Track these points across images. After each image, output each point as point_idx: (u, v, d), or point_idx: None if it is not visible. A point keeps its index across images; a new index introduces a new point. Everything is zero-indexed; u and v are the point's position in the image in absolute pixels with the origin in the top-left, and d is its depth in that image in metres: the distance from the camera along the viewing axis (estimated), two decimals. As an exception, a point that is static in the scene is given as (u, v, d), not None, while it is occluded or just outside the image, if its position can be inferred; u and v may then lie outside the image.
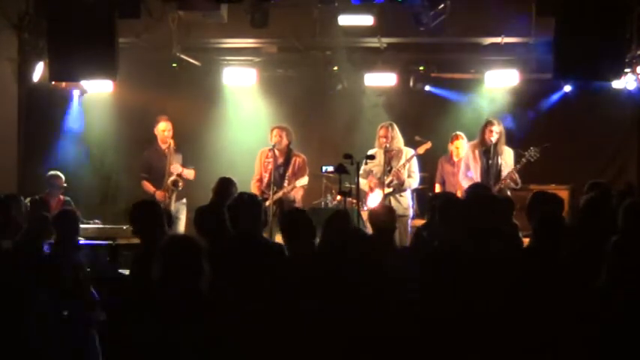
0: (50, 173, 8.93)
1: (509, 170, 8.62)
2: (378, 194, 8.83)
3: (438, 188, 9.59)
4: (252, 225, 5.16)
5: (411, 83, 10.67)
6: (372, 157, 8.45)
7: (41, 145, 10.14)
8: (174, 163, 9.22)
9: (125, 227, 8.70)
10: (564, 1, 7.53)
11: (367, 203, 8.86)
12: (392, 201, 8.63)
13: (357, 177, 7.75)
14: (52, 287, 4.78)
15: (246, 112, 10.89)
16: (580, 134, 10.64)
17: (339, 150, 8.13)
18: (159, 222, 5.40)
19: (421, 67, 10.69)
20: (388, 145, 8.82)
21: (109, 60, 7.95)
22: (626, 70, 8.83)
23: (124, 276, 5.94)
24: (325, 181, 9.81)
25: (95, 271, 5.73)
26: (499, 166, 8.67)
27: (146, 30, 9.12)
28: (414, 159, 8.90)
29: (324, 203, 9.71)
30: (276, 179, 8.83)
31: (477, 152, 8.75)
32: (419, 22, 8.68)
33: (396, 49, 10.43)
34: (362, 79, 10.57)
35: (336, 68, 10.69)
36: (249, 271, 4.75)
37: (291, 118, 9.76)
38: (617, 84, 9.23)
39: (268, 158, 8.99)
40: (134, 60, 9.53)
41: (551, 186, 9.58)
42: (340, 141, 10.12)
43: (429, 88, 10.70)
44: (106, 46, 7.87)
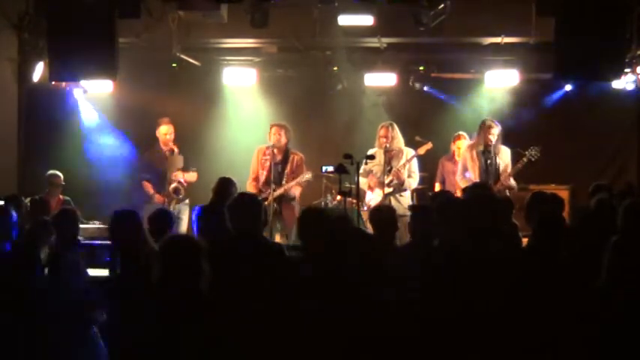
0: (49, 172, 8.93)
1: (506, 167, 8.63)
2: (377, 194, 8.84)
3: (438, 187, 9.59)
4: (252, 225, 5.15)
5: (411, 83, 10.68)
6: (372, 157, 8.45)
7: (41, 145, 10.14)
8: (175, 170, 9.21)
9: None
10: (564, 1, 7.54)
11: (366, 201, 8.87)
12: (392, 201, 8.62)
13: (357, 176, 7.74)
14: (51, 287, 4.77)
15: (246, 112, 10.88)
16: (580, 134, 10.63)
17: (339, 150, 8.12)
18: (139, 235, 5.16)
19: (421, 67, 10.69)
20: (388, 145, 8.82)
21: (109, 60, 7.96)
22: (626, 70, 8.84)
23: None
24: (325, 181, 9.81)
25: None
26: (497, 166, 8.67)
27: (146, 30, 9.11)
28: (414, 159, 8.91)
29: (324, 203, 9.71)
30: (275, 177, 8.82)
31: (474, 153, 8.74)
32: (419, 22, 8.68)
33: (396, 49, 10.43)
34: (362, 79, 10.56)
35: (336, 68, 10.69)
36: (249, 271, 4.75)
37: (291, 118, 9.74)
38: (617, 84, 9.23)
39: (266, 156, 8.97)
40: (134, 60, 9.52)
41: (551, 186, 9.60)
42: (340, 141, 10.11)
43: (427, 88, 10.71)
44: (106, 46, 7.88)
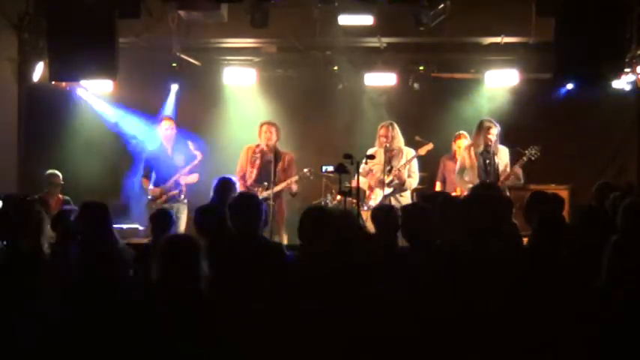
0: (48, 172, 8.93)
1: (506, 167, 8.62)
2: (377, 194, 8.84)
3: (438, 186, 9.59)
4: (252, 225, 5.15)
5: (410, 83, 10.68)
6: (372, 156, 8.44)
7: (41, 145, 10.14)
8: (176, 173, 9.22)
9: (125, 227, 8.74)
10: (564, 1, 7.54)
11: (365, 201, 8.87)
12: (392, 201, 8.62)
13: (357, 176, 7.74)
14: (51, 287, 4.77)
15: (246, 112, 10.86)
16: (580, 134, 10.64)
17: (339, 150, 8.10)
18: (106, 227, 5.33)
19: (421, 67, 10.69)
20: (388, 144, 8.83)
21: (109, 60, 7.96)
22: (626, 70, 8.83)
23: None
24: (325, 181, 9.80)
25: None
26: (497, 166, 8.67)
27: (146, 30, 9.12)
28: (415, 159, 8.91)
29: (324, 203, 9.70)
30: (265, 176, 8.80)
31: (472, 153, 8.73)
32: (419, 22, 8.68)
33: (396, 49, 10.43)
34: (362, 79, 10.56)
35: (336, 68, 10.69)
36: (249, 271, 4.74)
37: (291, 118, 9.74)
38: (617, 84, 9.22)
39: (255, 154, 8.96)
40: (134, 60, 9.53)
41: (551, 186, 9.58)
42: (340, 141, 10.09)
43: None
44: (106, 46, 7.89)
